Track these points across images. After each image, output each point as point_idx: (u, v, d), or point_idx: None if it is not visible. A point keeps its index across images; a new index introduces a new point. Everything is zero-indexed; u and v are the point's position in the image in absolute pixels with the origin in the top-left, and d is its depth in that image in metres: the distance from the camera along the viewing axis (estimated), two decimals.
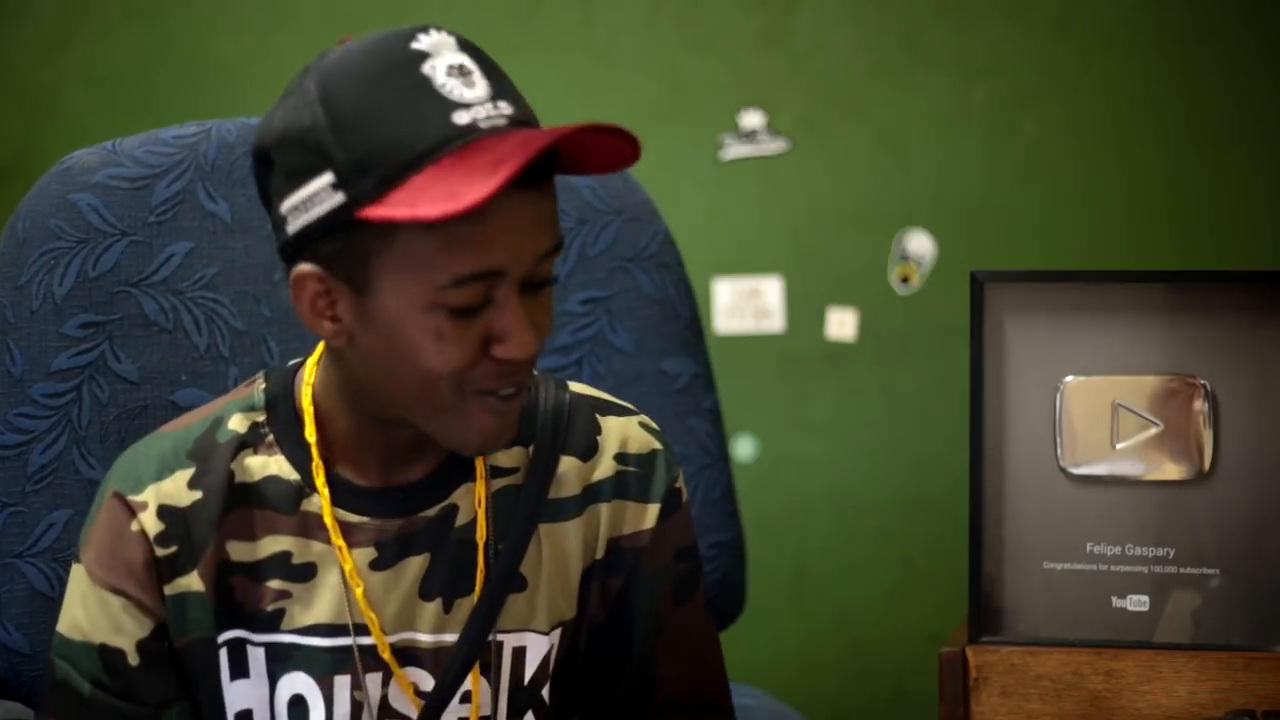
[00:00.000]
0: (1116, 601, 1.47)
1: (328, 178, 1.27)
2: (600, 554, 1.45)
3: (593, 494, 1.44)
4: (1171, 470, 1.47)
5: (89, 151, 1.67)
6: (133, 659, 1.37)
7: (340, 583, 1.38)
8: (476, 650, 1.39)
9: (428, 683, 1.40)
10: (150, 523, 1.37)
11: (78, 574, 1.40)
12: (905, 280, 3.13)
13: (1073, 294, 1.48)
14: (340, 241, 1.28)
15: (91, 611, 1.38)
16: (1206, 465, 1.46)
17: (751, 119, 3.16)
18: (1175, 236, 3.05)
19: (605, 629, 1.47)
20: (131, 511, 1.38)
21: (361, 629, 1.38)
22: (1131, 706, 1.44)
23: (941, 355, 3.09)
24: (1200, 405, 1.46)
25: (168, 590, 1.38)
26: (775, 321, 3.13)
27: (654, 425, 1.49)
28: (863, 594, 3.14)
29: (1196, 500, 1.46)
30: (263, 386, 1.42)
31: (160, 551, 1.37)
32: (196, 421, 1.42)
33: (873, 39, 3.12)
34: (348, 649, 1.38)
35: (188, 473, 1.39)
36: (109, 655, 1.38)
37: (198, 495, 1.38)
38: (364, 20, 3.13)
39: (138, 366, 1.64)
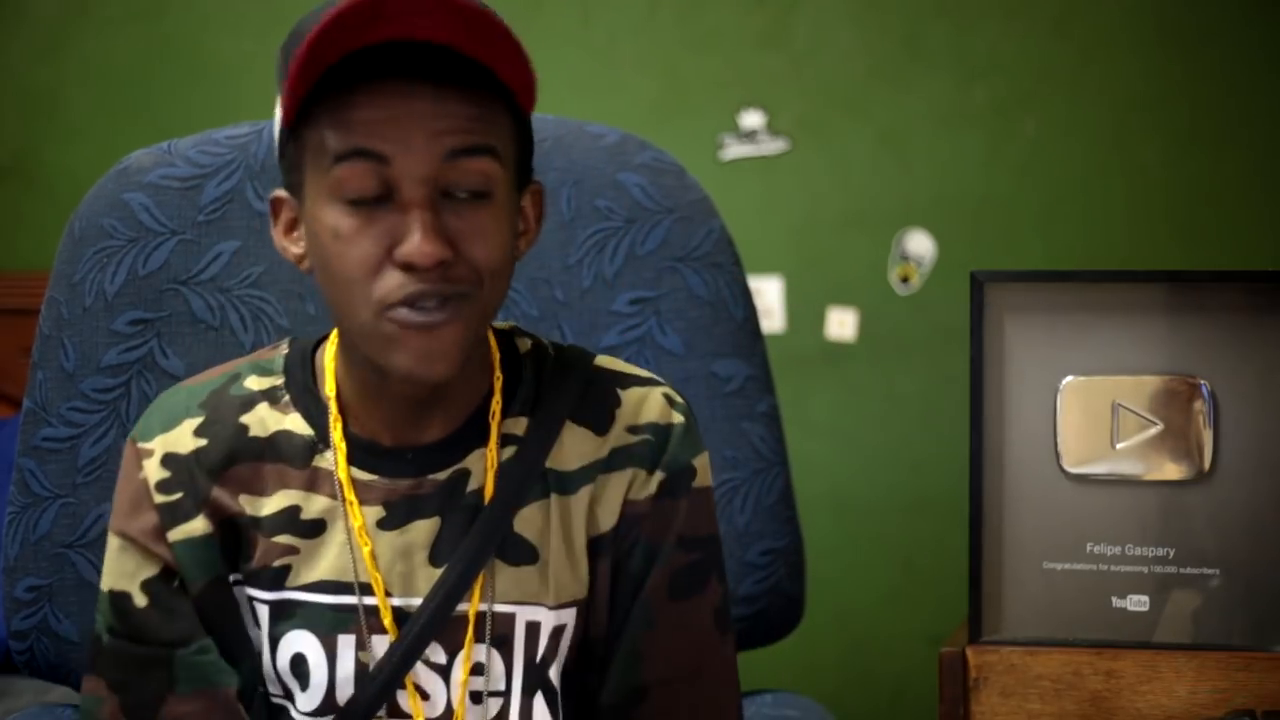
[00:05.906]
0: (1116, 601, 1.47)
1: (277, 99, 1.29)
2: (612, 523, 1.38)
3: (605, 464, 1.38)
4: (1171, 470, 1.46)
5: (146, 152, 1.70)
6: (139, 600, 1.37)
7: (347, 540, 1.36)
8: (444, 611, 1.35)
9: (437, 652, 1.36)
10: (153, 470, 1.37)
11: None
12: (905, 280, 3.13)
13: (1073, 294, 1.48)
14: (287, 156, 1.31)
15: (110, 560, 1.39)
16: (1206, 465, 1.46)
17: (751, 119, 3.16)
18: (1175, 236, 3.05)
19: (609, 611, 1.40)
20: (140, 459, 1.38)
21: (366, 589, 1.36)
22: (1131, 706, 1.44)
23: (941, 355, 3.09)
24: (1200, 405, 1.46)
25: (172, 537, 1.37)
26: (775, 321, 3.13)
27: (679, 399, 1.41)
28: (863, 595, 3.14)
29: (1196, 500, 1.46)
30: (284, 352, 1.42)
31: (160, 499, 1.37)
32: (216, 376, 1.42)
33: (873, 39, 3.12)
34: (353, 608, 1.36)
35: (196, 421, 1.39)
36: (118, 600, 1.38)
37: (202, 442, 1.38)
38: None
39: (185, 363, 1.66)
